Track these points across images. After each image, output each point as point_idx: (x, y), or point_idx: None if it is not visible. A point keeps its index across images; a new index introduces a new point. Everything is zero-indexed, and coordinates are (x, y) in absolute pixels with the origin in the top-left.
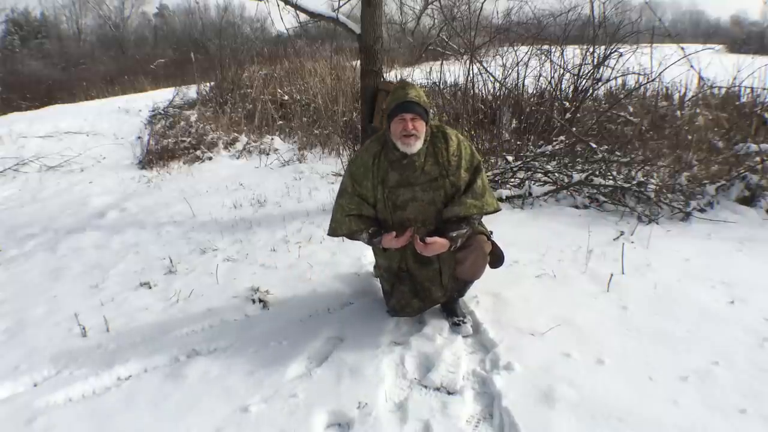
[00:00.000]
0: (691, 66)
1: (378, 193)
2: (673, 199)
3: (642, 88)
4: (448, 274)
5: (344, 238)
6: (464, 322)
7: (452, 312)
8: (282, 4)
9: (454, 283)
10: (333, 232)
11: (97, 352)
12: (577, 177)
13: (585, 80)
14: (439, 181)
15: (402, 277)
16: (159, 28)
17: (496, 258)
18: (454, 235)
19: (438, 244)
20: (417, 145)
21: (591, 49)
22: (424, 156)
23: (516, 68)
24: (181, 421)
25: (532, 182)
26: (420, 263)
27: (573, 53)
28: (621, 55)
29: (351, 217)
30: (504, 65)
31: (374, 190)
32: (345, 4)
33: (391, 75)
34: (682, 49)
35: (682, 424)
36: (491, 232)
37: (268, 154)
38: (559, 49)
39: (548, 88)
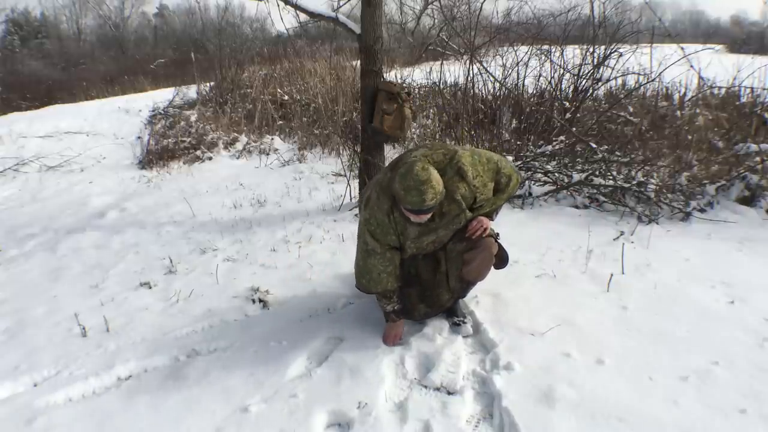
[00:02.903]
0: (691, 66)
1: (400, 242)
2: (673, 199)
3: (642, 88)
4: (454, 276)
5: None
6: (464, 322)
7: (452, 312)
8: (282, 4)
9: (458, 284)
10: (366, 288)
11: (97, 352)
12: (577, 177)
13: (585, 80)
14: (460, 215)
15: (411, 281)
16: (159, 28)
17: (500, 259)
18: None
19: (484, 220)
20: (426, 219)
21: (591, 49)
22: (441, 203)
23: (516, 68)
24: (181, 421)
25: (532, 182)
26: (430, 268)
27: (573, 53)
28: (621, 55)
29: (387, 275)
30: (504, 65)
31: (398, 238)
32: (345, 4)
33: (391, 75)
34: (682, 49)
35: (682, 424)
36: (498, 234)
37: (268, 154)
38: (559, 49)
39: (548, 88)
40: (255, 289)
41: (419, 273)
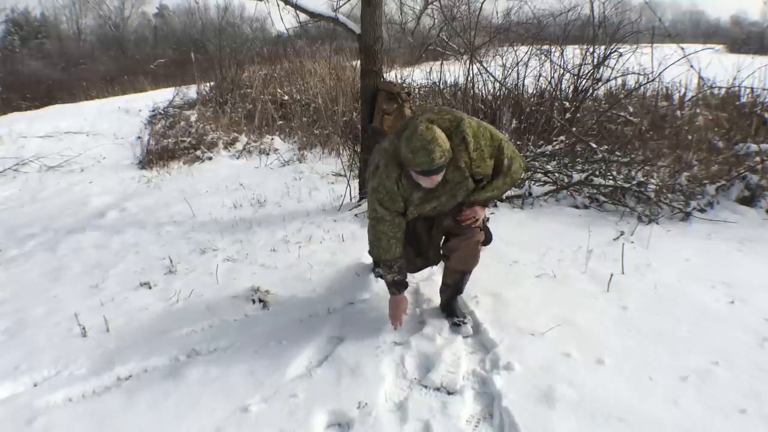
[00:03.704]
0: (691, 66)
1: (405, 207)
2: (673, 199)
3: (642, 88)
4: (436, 245)
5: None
6: (464, 323)
7: (452, 312)
8: (282, 4)
9: (438, 253)
10: (378, 257)
11: (97, 352)
12: (577, 177)
13: (585, 80)
14: (463, 183)
15: (410, 239)
16: (159, 28)
17: (485, 239)
18: (483, 199)
19: (479, 209)
20: (437, 180)
21: (591, 49)
22: (446, 169)
23: (516, 68)
24: (181, 421)
25: (532, 182)
26: (425, 230)
27: (573, 53)
28: (621, 55)
29: (395, 241)
30: (504, 65)
31: (404, 204)
32: (345, 4)
33: (391, 75)
34: (682, 49)
35: (682, 424)
36: (488, 219)
37: (268, 154)
38: (559, 49)
39: (548, 88)
40: (255, 289)
41: (417, 232)
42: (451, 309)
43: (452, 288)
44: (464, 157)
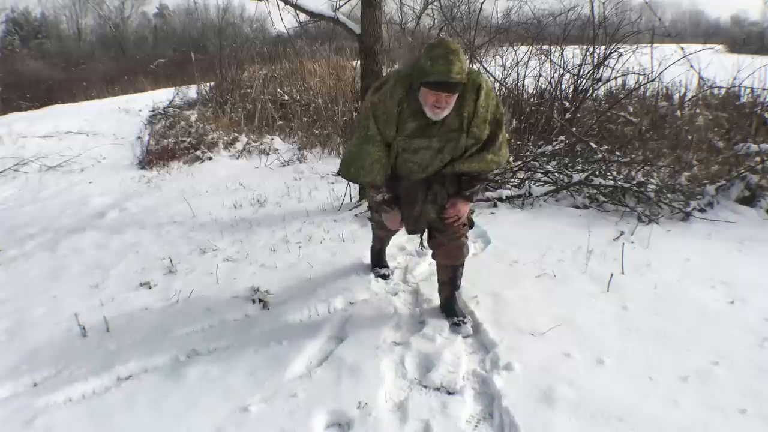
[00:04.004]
0: (691, 66)
1: (394, 137)
2: (673, 199)
3: (642, 88)
4: (422, 220)
5: (351, 183)
6: (464, 323)
7: (452, 312)
8: (282, 4)
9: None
10: (354, 177)
11: (97, 352)
12: (577, 177)
13: (585, 80)
14: (457, 132)
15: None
16: (159, 28)
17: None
18: (468, 194)
19: (463, 207)
20: (444, 114)
21: (591, 49)
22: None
23: (516, 68)
24: (181, 421)
25: (532, 182)
26: (408, 204)
27: (573, 53)
28: (621, 55)
29: (381, 166)
30: (504, 65)
31: (396, 133)
32: (345, 4)
33: None
34: (682, 49)
35: (682, 424)
36: (473, 211)
37: (268, 154)
38: (559, 49)
39: (548, 88)
40: (255, 289)
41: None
42: (450, 309)
43: (448, 285)
44: (470, 106)
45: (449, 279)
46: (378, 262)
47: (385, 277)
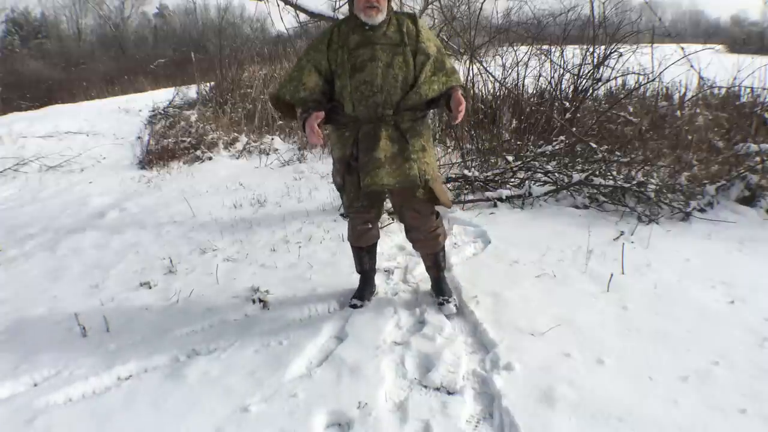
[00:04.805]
0: (691, 66)
1: (339, 57)
2: (673, 199)
3: (642, 88)
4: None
5: (278, 112)
6: (448, 302)
7: (439, 292)
8: (282, 4)
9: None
10: (274, 98)
11: (97, 352)
12: (577, 177)
13: (585, 80)
14: (400, 47)
15: (351, 168)
16: (159, 28)
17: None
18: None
19: (459, 96)
20: (379, 18)
21: (591, 49)
22: (387, 24)
23: (516, 68)
24: (181, 421)
25: (532, 182)
26: (366, 150)
27: (573, 53)
28: (621, 55)
29: (304, 89)
30: (504, 65)
31: (335, 54)
32: (345, 3)
33: None
34: (682, 49)
35: (682, 424)
36: (445, 181)
37: (268, 154)
38: (559, 49)
39: (548, 88)
40: (255, 289)
41: (359, 155)
42: (437, 288)
43: (433, 268)
44: (409, 27)
45: (432, 263)
46: (359, 289)
47: (354, 306)
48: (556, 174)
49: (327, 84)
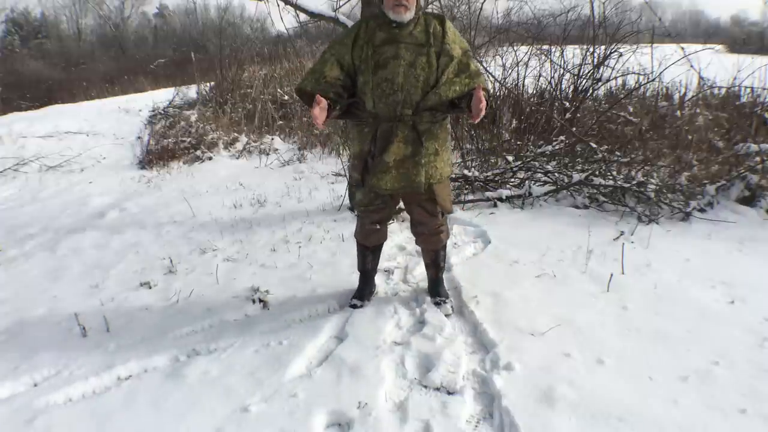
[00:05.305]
0: (691, 66)
1: (363, 53)
2: (673, 199)
3: (642, 88)
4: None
5: (304, 104)
6: (444, 302)
7: (435, 293)
8: (282, 4)
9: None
10: (298, 90)
11: (97, 352)
12: (577, 177)
13: (585, 80)
14: (425, 47)
15: (368, 166)
16: (159, 28)
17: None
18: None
19: (480, 94)
20: (407, 16)
21: (591, 49)
22: (414, 24)
23: (516, 68)
24: (181, 421)
25: (532, 182)
26: (380, 151)
27: (573, 53)
28: (621, 55)
29: (325, 82)
30: (504, 65)
31: (360, 50)
32: (345, 4)
33: None
34: (682, 49)
35: (682, 424)
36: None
37: (268, 154)
38: (559, 49)
39: (548, 88)
40: (255, 289)
41: (376, 153)
42: (434, 289)
43: (431, 266)
44: (436, 29)
45: (431, 261)
46: (359, 289)
47: (354, 306)
48: (556, 174)
49: (348, 78)
